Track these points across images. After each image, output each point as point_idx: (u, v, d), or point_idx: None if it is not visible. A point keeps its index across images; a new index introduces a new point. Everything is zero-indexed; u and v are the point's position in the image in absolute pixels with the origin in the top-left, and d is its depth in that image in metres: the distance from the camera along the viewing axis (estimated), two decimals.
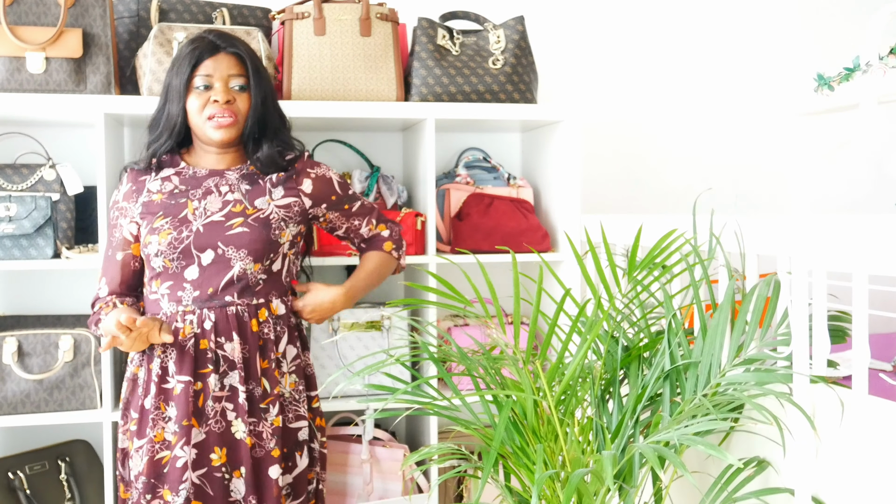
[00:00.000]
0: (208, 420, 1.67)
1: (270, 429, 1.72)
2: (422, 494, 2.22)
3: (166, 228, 1.70)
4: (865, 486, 1.27)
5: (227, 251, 1.69)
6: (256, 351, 1.72)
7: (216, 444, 1.67)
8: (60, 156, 2.23)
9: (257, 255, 1.71)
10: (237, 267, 1.70)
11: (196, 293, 1.70)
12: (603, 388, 1.64)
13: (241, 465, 1.69)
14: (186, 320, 1.69)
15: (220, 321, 1.69)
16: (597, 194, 2.68)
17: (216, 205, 1.73)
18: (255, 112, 1.74)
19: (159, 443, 1.68)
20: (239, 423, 1.69)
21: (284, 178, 1.80)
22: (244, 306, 1.71)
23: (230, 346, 1.69)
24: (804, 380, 1.35)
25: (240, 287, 1.71)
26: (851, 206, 3.01)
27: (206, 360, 1.68)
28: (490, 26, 2.38)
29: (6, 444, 2.27)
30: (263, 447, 1.71)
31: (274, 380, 1.74)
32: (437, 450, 1.60)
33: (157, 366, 1.69)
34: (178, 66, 1.72)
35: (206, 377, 1.68)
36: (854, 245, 1.26)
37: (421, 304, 2.03)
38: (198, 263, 1.69)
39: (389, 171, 2.57)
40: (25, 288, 2.35)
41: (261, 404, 1.72)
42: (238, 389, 1.69)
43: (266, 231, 1.72)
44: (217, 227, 1.70)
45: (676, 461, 1.16)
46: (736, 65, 2.93)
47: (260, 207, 1.74)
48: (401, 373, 2.24)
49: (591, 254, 1.65)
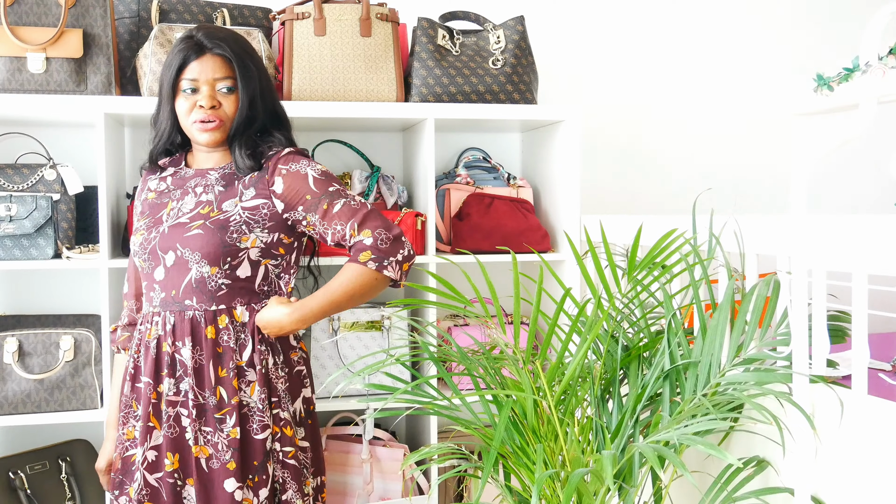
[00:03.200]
0: (163, 424, 1.66)
1: (227, 440, 1.64)
2: (422, 496, 2.22)
3: (142, 229, 1.72)
4: (865, 485, 1.27)
5: (185, 253, 1.66)
6: (212, 359, 1.65)
7: (169, 450, 1.64)
8: (61, 156, 2.23)
9: (211, 258, 1.64)
10: (194, 270, 1.66)
11: (162, 294, 1.69)
12: (603, 387, 1.64)
13: (189, 476, 1.65)
14: (154, 321, 1.70)
15: (178, 325, 1.66)
16: (597, 194, 2.68)
17: (189, 206, 1.71)
18: (242, 113, 1.70)
19: (129, 440, 1.70)
20: (190, 430, 1.65)
21: (257, 178, 1.71)
22: (202, 312, 1.66)
23: (185, 351, 1.66)
24: (804, 379, 1.35)
25: (198, 291, 1.66)
26: (851, 206, 3.01)
27: (163, 363, 1.67)
28: (490, 26, 2.38)
29: (7, 444, 2.27)
30: (219, 459, 1.64)
31: (232, 390, 1.64)
32: (437, 449, 1.60)
33: (131, 364, 1.73)
34: (166, 67, 1.70)
35: (166, 380, 1.66)
36: (854, 245, 1.26)
37: (421, 304, 2.03)
38: (163, 265, 1.68)
39: (389, 171, 2.57)
40: (26, 288, 2.35)
41: (216, 414, 1.64)
42: (189, 395, 1.65)
43: (221, 234, 1.64)
44: (179, 228, 1.68)
45: (676, 461, 1.16)
46: (736, 65, 2.93)
47: (226, 210, 1.68)
48: (401, 373, 2.24)
49: (591, 254, 1.65)
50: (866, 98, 1.34)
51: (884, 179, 3.00)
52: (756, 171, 2.94)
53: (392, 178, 2.43)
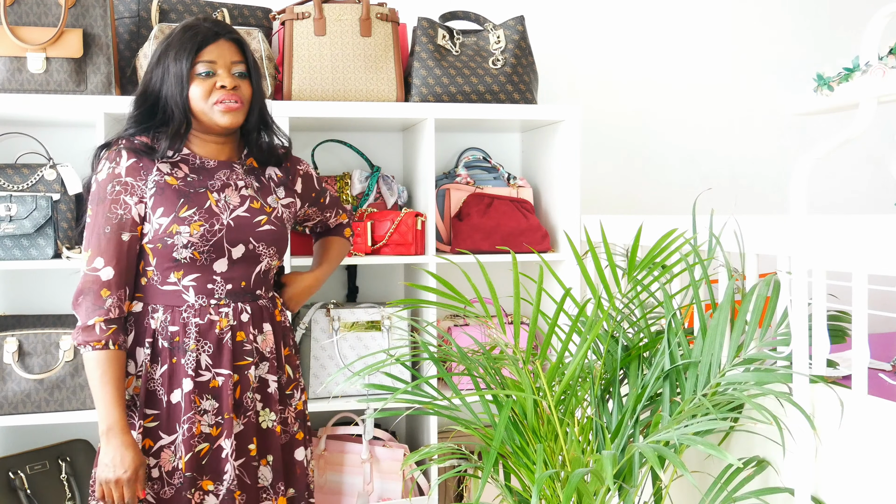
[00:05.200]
0: (247, 412, 1.71)
1: (294, 413, 1.81)
2: (422, 496, 2.22)
3: (197, 220, 1.65)
4: (865, 485, 1.27)
5: (258, 247, 1.73)
6: (281, 340, 1.79)
7: (253, 435, 1.71)
8: (61, 156, 2.23)
9: (281, 252, 1.78)
10: (264, 262, 1.75)
11: (228, 286, 1.70)
12: (603, 387, 1.64)
13: (269, 454, 1.74)
14: (221, 313, 1.69)
15: (255, 314, 1.74)
16: (597, 194, 2.68)
17: (235, 199, 1.73)
18: (257, 99, 1.74)
19: (198, 436, 1.66)
20: (268, 412, 1.74)
21: (283, 179, 1.84)
22: (267, 300, 1.78)
23: (261, 337, 1.74)
24: (804, 379, 1.35)
25: (265, 281, 1.77)
26: (851, 206, 3.01)
27: (244, 352, 1.71)
28: (490, 26, 2.38)
29: (7, 444, 2.27)
30: (289, 432, 1.79)
31: (295, 365, 1.83)
32: (437, 449, 1.60)
33: (192, 360, 1.66)
34: (176, 52, 1.66)
35: (246, 369, 1.71)
36: (854, 245, 1.26)
37: (421, 304, 2.03)
38: (228, 257, 1.69)
39: (389, 171, 2.57)
40: (26, 288, 2.35)
41: (286, 391, 1.80)
42: (268, 380, 1.74)
43: (286, 229, 1.80)
44: (245, 222, 1.71)
45: (676, 461, 1.16)
46: (736, 65, 2.93)
47: (273, 206, 1.78)
48: (401, 373, 2.24)
49: (591, 254, 1.65)
50: (866, 98, 1.34)
51: (884, 179, 3.00)
52: (756, 171, 2.94)
53: (392, 178, 2.43)
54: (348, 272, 2.54)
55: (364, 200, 2.37)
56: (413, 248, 2.23)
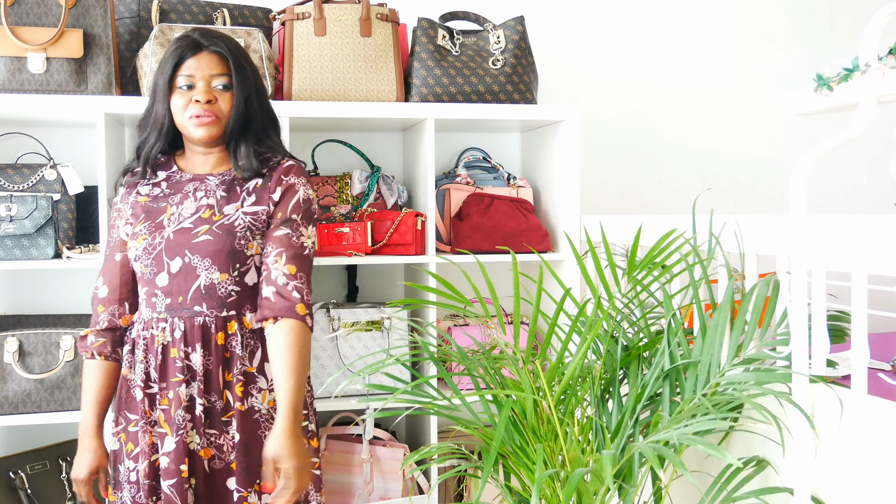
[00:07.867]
0: (178, 430, 1.64)
1: (232, 443, 1.67)
2: (422, 495, 2.22)
3: (143, 233, 1.70)
4: (865, 485, 1.28)
5: (193, 259, 1.66)
6: (220, 364, 1.67)
7: (184, 455, 1.64)
8: (61, 156, 2.23)
9: (221, 264, 1.66)
10: (203, 276, 1.66)
11: (168, 301, 1.67)
12: (603, 387, 1.64)
13: (193, 477, 1.65)
14: (158, 327, 1.68)
15: (188, 331, 1.66)
16: (597, 194, 2.68)
17: (189, 210, 1.70)
18: (238, 111, 1.70)
19: (150, 446, 1.67)
20: (194, 434, 1.65)
21: (261, 187, 1.72)
22: (212, 318, 1.67)
23: (195, 356, 1.66)
24: (803, 379, 1.36)
25: (208, 298, 1.67)
26: (851, 206, 3.02)
27: (176, 369, 1.66)
28: (490, 26, 2.38)
29: (7, 444, 2.27)
30: (223, 459, 1.67)
31: (237, 394, 1.67)
32: (438, 449, 1.60)
33: (142, 371, 1.68)
34: (161, 65, 1.70)
35: (177, 386, 1.65)
36: (853, 245, 1.27)
37: (421, 304, 2.03)
38: (167, 270, 1.67)
39: (389, 171, 2.57)
40: (26, 288, 2.35)
41: (222, 417, 1.67)
42: (196, 401, 1.65)
43: (230, 239, 1.67)
44: (185, 233, 1.67)
45: (676, 461, 1.16)
46: (736, 65, 2.93)
47: (227, 213, 1.69)
48: (401, 373, 2.24)
49: (591, 254, 1.65)
50: (866, 98, 1.35)
51: (883, 179, 3.00)
52: (756, 171, 2.94)
53: (392, 178, 2.43)
54: (348, 272, 2.54)
55: (364, 200, 2.37)
56: (413, 248, 2.23)
